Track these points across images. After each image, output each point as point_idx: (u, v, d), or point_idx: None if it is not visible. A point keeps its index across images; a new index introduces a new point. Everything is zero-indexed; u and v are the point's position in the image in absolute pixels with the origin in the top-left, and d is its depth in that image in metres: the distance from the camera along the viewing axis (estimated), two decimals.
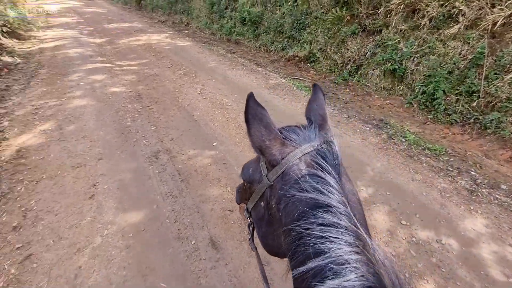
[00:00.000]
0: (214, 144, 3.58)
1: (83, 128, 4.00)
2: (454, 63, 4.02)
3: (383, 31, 4.95)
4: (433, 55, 4.27)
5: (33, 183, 2.98)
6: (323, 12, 6.02)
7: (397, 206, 2.64)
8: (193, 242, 2.35)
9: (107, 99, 4.91)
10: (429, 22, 4.36)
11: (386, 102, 4.73)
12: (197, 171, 3.14)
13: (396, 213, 2.56)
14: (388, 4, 4.77)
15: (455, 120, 3.93)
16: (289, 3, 6.85)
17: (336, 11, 5.58)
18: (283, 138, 0.69)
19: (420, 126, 4.09)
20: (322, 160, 0.59)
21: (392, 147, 3.52)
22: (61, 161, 3.30)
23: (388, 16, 4.86)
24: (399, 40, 4.65)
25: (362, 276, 0.43)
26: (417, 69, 4.45)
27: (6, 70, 6.69)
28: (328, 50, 5.86)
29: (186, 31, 10.44)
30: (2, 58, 7.39)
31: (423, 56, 4.40)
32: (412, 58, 4.51)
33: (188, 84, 5.47)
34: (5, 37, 8.63)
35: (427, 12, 4.32)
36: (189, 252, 2.28)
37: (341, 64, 5.60)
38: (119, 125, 4.08)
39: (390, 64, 4.67)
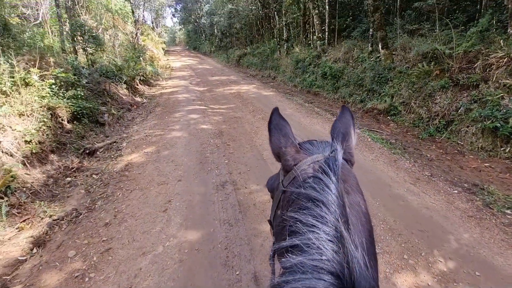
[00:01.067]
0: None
1: (173, 154, 4.81)
2: None
3: (480, 85, 4.40)
4: None
5: (128, 191, 3.70)
6: (408, 67, 5.83)
7: None
8: (237, 273, 2.39)
9: (196, 133, 5.82)
10: None
11: (485, 165, 3.95)
12: (256, 205, 3.26)
13: None
14: (487, 58, 4.30)
15: None
16: (372, 59, 6.94)
17: (423, 66, 5.33)
18: (299, 147, 0.77)
19: None
20: (325, 166, 0.62)
21: (489, 218, 2.84)
22: (152, 178, 4.01)
23: (488, 70, 4.33)
24: (502, 96, 4.01)
25: (328, 260, 0.45)
26: None
27: (135, 106, 8.85)
28: (412, 103, 5.49)
29: (272, 83, 11.65)
30: (135, 98, 9.88)
31: None
32: None
33: (264, 127, 5.97)
34: (141, 84, 11.58)
35: None
36: (231, 281, 2.31)
37: (427, 119, 5.11)
38: (200, 155, 4.73)
39: (490, 121, 4.00)
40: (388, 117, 6.04)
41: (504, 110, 3.90)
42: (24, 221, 3.18)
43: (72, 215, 3.31)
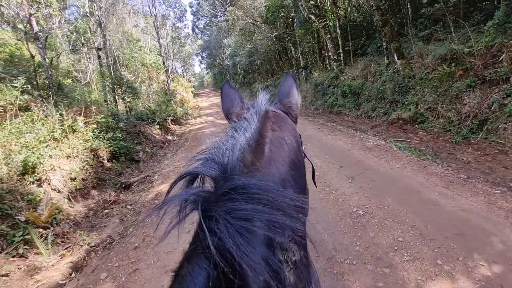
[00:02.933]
0: None
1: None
2: None
3: (511, 78, 4.08)
4: None
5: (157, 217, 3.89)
6: (428, 72, 5.65)
7: None
8: None
9: None
10: None
11: None
12: None
13: None
14: (511, 49, 4.05)
15: None
16: (390, 71, 6.86)
17: (444, 68, 5.14)
18: (242, 106, 0.92)
19: None
20: (253, 112, 0.74)
21: None
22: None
23: None
24: None
25: (217, 153, 0.59)
26: None
27: (167, 144, 9.53)
28: (439, 108, 5.21)
29: None
30: (167, 136, 10.68)
31: None
32: None
33: None
34: (172, 124, 12.55)
35: None
36: None
37: (458, 122, 4.77)
38: None
39: None
40: (416, 126, 5.74)
41: None
42: (66, 248, 3.48)
43: (107, 241, 3.54)
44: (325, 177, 4.09)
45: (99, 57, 10.04)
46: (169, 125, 12.18)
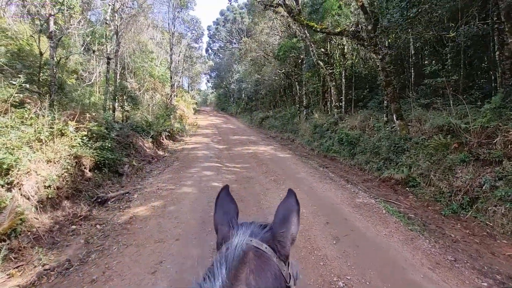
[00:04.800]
0: None
1: (179, 210, 4.78)
2: None
3: (504, 162, 4.13)
4: None
5: (124, 246, 3.61)
6: (425, 138, 5.75)
7: None
8: None
9: (206, 190, 5.85)
10: None
11: None
12: None
13: None
14: (506, 134, 4.15)
15: None
16: (387, 129, 6.99)
17: (440, 138, 5.23)
18: (232, 227, 0.75)
19: None
20: (226, 255, 0.62)
21: None
22: (151, 234, 3.93)
23: (510, 146, 4.13)
24: None
25: None
26: None
27: (156, 159, 9.30)
28: (432, 176, 5.21)
29: (290, 146, 11.89)
30: (158, 151, 10.47)
31: None
32: None
33: (274, 189, 5.88)
34: (166, 139, 12.39)
35: None
36: None
37: (449, 194, 4.75)
38: (205, 213, 4.64)
39: None
40: (407, 188, 5.70)
41: None
42: (17, 267, 3.15)
43: (64, 266, 3.23)
44: (309, 232, 3.91)
45: (108, 62, 10.13)
46: (163, 139, 12.02)
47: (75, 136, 5.57)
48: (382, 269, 3.02)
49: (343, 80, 10.60)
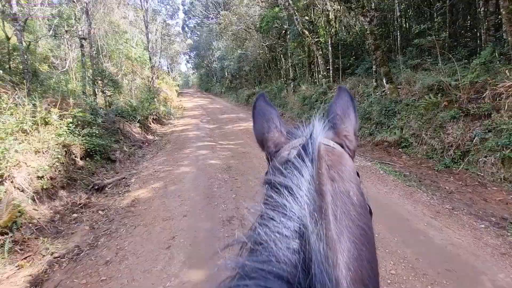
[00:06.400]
0: None
1: (180, 189, 4.75)
2: None
3: (493, 114, 4.31)
4: None
5: (132, 227, 3.59)
6: (415, 99, 5.86)
7: None
8: None
9: (204, 168, 5.81)
10: None
11: (511, 197, 3.67)
12: None
13: None
14: (495, 87, 4.28)
15: None
16: (377, 93, 7.06)
17: (430, 97, 5.35)
18: (281, 132, 0.68)
19: None
20: (301, 148, 0.53)
21: None
22: (157, 213, 3.91)
23: (498, 99, 4.28)
24: None
25: (278, 262, 0.36)
26: None
27: (147, 144, 9.08)
28: (423, 135, 5.39)
29: None
30: (147, 136, 10.20)
31: None
32: None
33: None
34: (153, 123, 12.04)
35: None
36: None
37: (441, 150, 4.95)
38: (208, 189, 4.65)
39: (509, 150, 3.82)
40: (400, 149, 5.90)
41: None
42: (25, 258, 3.08)
43: (74, 252, 3.19)
44: None
45: (81, 45, 9.45)
46: (150, 124, 11.68)
47: (60, 124, 5.28)
48: (388, 222, 3.17)
49: (330, 48, 10.45)
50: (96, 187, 5.17)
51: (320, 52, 10.80)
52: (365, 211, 0.51)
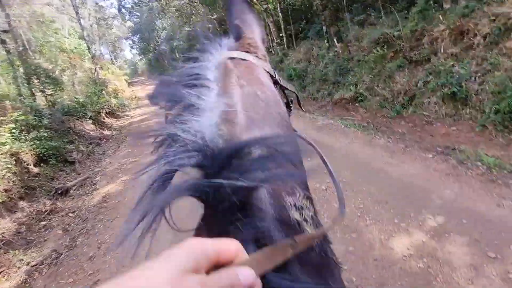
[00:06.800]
0: None
1: (152, 175, 4.63)
2: None
3: (432, 58, 4.76)
4: (498, 71, 3.83)
5: (109, 221, 3.49)
6: (365, 55, 6.20)
7: (479, 236, 2.14)
8: None
9: None
10: (484, 40, 4.05)
11: (452, 128, 4.22)
12: None
13: (479, 244, 2.07)
14: (431, 33, 4.69)
15: None
16: (330, 54, 7.31)
17: (378, 51, 5.70)
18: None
19: (502, 149, 3.45)
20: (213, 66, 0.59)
21: (465, 173, 3.01)
22: (132, 203, 3.80)
23: (435, 43, 4.72)
24: (452, 64, 4.37)
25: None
26: (482, 88, 3.99)
27: (105, 140, 8.52)
28: (375, 87, 5.80)
29: None
30: (103, 132, 9.53)
31: (485, 74, 3.98)
32: (473, 78, 4.12)
33: None
34: (107, 117, 11.22)
35: (478, 30, 4.08)
36: None
37: (392, 99, 5.41)
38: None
39: (447, 88, 4.32)
40: (357, 104, 6.30)
41: (457, 76, 4.23)
42: None
43: (52, 257, 3.05)
44: None
45: (3, 41, 8.15)
46: (104, 118, 10.87)
47: (1, 131, 4.70)
48: (353, 168, 3.50)
49: (280, 14, 10.35)
50: (60, 192, 4.83)
51: (271, 19, 10.67)
52: (275, 103, 0.60)
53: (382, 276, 1.99)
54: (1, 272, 2.85)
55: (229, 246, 0.29)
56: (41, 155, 5.36)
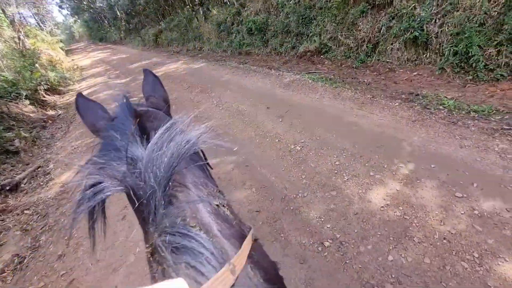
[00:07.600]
0: (235, 149, 3.52)
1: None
2: (485, 13, 3.55)
3: (394, 1, 4.62)
4: (457, 11, 3.83)
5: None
6: (327, 1, 5.85)
7: (446, 178, 2.28)
8: None
9: None
10: None
11: (414, 74, 4.32)
12: (221, 177, 3.08)
13: (447, 186, 2.21)
14: None
15: (502, 75, 3.41)
16: (291, 2, 6.80)
17: None
18: (109, 116, 0.81)
19: (459, 90, 3.63)
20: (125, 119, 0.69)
21: (429, 117, 3.13)
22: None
23: None
24: (414, 6, 4.28)
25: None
26: (441, 30, 4.02)
27: (50, 121, 7.51)
28: (339, 36, 5.62)
29: (200, 55, 10.90)
30: (46, 112, 8.35)
31: (445, 15, 3.97)
32: (433, 20, 4.10)
33: (205, 99, 5.59)
34: (48, 94, 9.79)
35: None
36: None
37: (356, 48, 5.32)
38: None
39: (409, 33, 4.29)
40: (322, 56, 6.14)
41: (419, 19, 4.19)
42: None
43: (14, 262, 2.73)
44: (256, 120, 4.04)
45: None
46: (44, 96, 9.44)
47: None
48: (325, 124, 3.46)
49: None
50: (8, 188, 4.23)
51: None
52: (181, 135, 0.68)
53: (363, 228, 2.07)
54: None
55: None
56: None
